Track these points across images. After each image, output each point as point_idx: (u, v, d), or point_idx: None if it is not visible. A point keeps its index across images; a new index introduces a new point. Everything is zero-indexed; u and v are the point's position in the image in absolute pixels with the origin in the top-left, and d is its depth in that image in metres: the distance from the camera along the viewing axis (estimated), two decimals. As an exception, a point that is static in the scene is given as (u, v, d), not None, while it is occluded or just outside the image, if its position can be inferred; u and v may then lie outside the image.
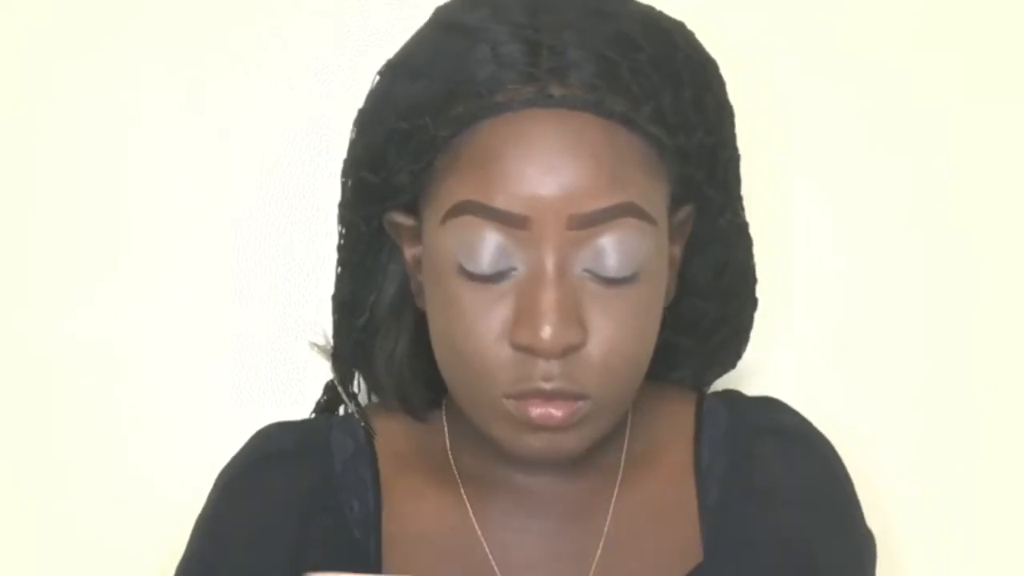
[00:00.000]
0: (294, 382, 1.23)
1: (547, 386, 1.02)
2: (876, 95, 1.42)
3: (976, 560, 1.42)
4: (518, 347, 1.02)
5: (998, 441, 1.42)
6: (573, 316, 1.01)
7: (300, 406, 1.26)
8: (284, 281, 1.40)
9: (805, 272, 1.41)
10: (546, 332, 1.00)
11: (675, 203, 1.08)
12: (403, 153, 1.05)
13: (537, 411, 1.03)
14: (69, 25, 1.39)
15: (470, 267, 1.02)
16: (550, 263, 1.01)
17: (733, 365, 1.22)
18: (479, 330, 1.03)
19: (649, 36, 1.04)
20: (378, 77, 1.09)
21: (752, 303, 1.19)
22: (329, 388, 1.21)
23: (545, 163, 1.01)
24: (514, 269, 1.02)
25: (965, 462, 1.42)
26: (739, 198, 1.14)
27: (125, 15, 1.39)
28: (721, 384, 1.24)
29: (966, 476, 1.41)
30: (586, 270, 1.02)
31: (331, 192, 1.39)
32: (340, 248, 1.15)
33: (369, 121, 1.08)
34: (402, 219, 1.09)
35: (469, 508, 1.12)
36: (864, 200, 1.42)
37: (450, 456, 1.14)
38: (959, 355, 1.42)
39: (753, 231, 1.17)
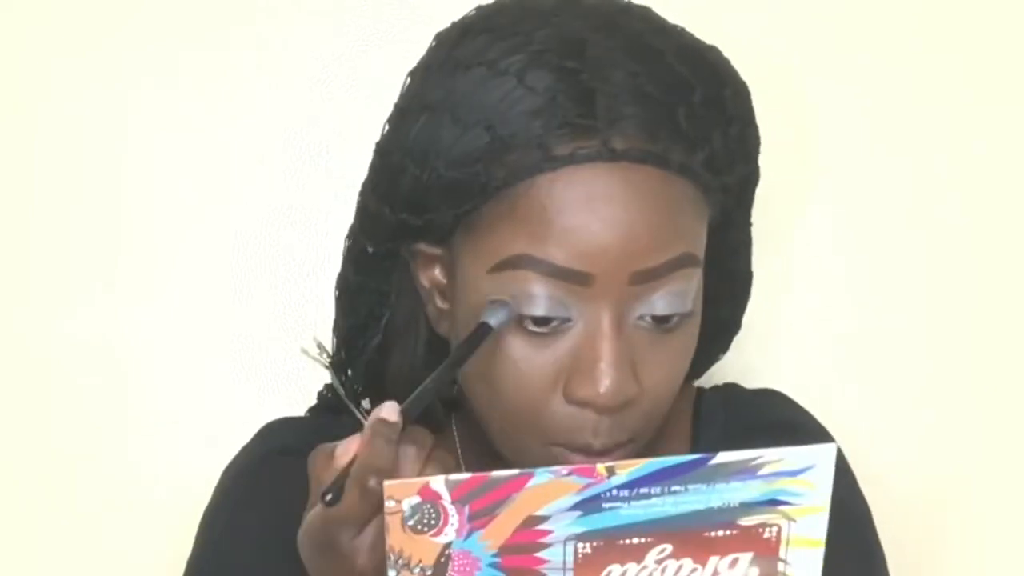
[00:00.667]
0: (294, 382, 1.23)
1: (597, 443, 1.02)
2: (876, 95, 1.42)
3: (977, 559, 1.42)
4: (574, 401, 1.01)
5: (999, 441, 1.42)
6: (630, 370, 1.01)
7: (300, 406, 1.26)
8: (284, 281, 1.40)
9: (805, 272, 1.42)
10: (606, 388, 0.99)
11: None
12: (450, 198, 1.02)
13: (583, 461, 1.02)
14: (69, 25, 1.39)
15: (525, 317, 1.00)
16: (609, 318, 0.99)
17: (725, 352, 1.22)
18: (531, 381, 1.01)
19: (698, 73, 1.02)
20: (413, 116, 1.04)
21: (748, 299, 1.19)
22: (328, 392, 1.20)
23: (608, 219, 0.99)
24: (569, 321, 1.00)
25: (966, 462, 1.42)
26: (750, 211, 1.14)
27: (125, 15, 1.39)
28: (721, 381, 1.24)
29: (967, 475, 1.41)
30: (639, 317, 1.01)
31: (331, 192, 1.40)
32: (352, 269, 1.13)
33: (411, 163, 1.04)
34: (427, 248, 1.07)
35: None
36: (864, 200, 1.42)
37: (461, 465, 1.13)
38: (960, 355, 1.42)
39: (753, 231, 1.17)
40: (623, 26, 1.03)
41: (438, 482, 0.86)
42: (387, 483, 0.87)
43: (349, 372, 1.15)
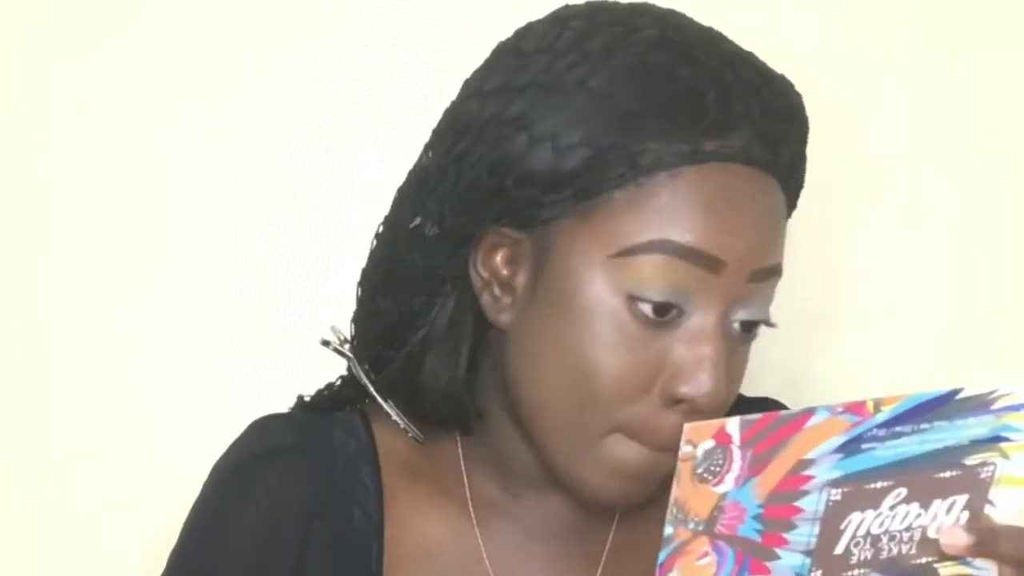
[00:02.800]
0: (294, 381, 1.23)
1: (664, 440, 1.02)
2: (875, 94, 1.42)
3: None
4: (674, 397, 1.01)
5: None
6: (728, 373, 1.03)
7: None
8: (284, 281, 1.40)
9: (806, 272, 1.42)
10: (713, 387, 1.01)
11: None
12: (584, 179, 1.02)
13: (643, 457, 1.03)
14: (70, 25, 1.39)
15: (644, 304, 1.00)
16: (720, 316, 1.01)
17: None
18: (635, 370, 1.01)
19: (798, 106, 1.07)
20: (550, 92, 1.03)
21: None
22: (345, 386, 1.18)
23: (742, 215, 1.02)
24: (683, 315, 1.01)
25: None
26: None
27: (126, 15, 1.39)
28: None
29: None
30: (732, 322, 1.03)
31: (332, 192, 1.40)
32: (418, 252, 1.09)
33: (560, 135, 1.02)
34: (509, 232, 1.04)
35: (476, 526, 1.11)
36: (865, 199, 1.42)
37: (464, 474, 1.12)
38: (961, 354, 1.42)
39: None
40: (725, 40, 1.07)
41: (733, 423, 0.87)
42: (687, 425, 0.87)
43: (383, 367, 1.12)
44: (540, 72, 1.03)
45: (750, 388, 1.24)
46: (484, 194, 1.04)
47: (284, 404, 1.21)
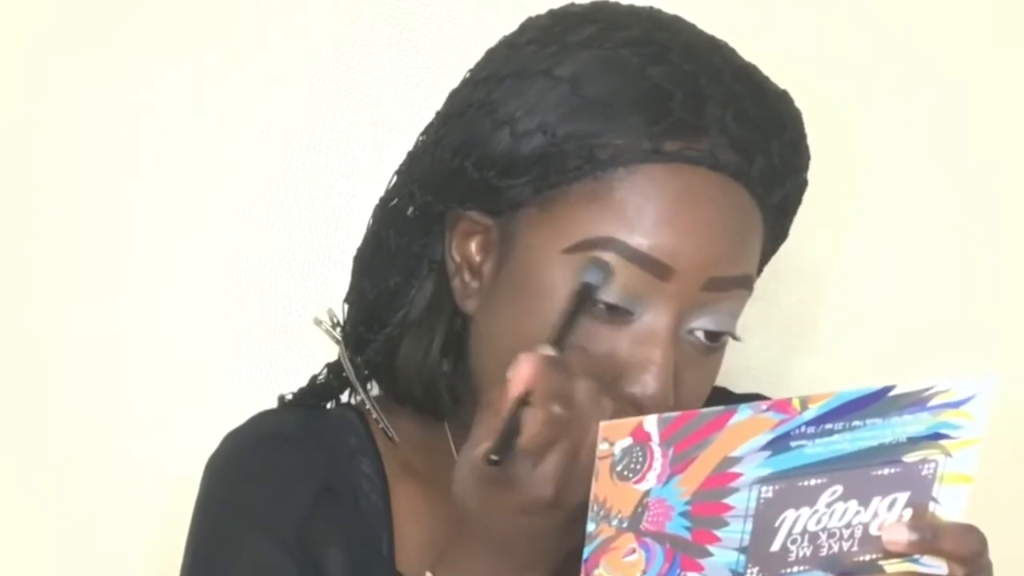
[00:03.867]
0: (294, 380, 1.23)
1: None
2: (875, 93, 1.42)
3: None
4: (618, 395, 0.99)
5: (1002, 440, 1.42)
6: (672, 380, 1.01)
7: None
8: (284, 280, 1.40)
9: (803, 271, 1.42)
10: (654, 391, 1.00)
11: None
12: (543, 168, 1.02)
13: None
14: (70, 25, 1.39)
15: (593, 300, 1.00)
16: (671, 322, 1.00)
17: None
18: None
19: (789, 116, 1.06)
20: (520, 81, 1.03)
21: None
22: (329, 374, 1.19)
23: (700, 221, 1.00)
24: (630, 316, 1.01)
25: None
26: None
27: (126, 15, 1.39)
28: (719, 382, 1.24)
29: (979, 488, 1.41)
30: (690, 332, 1.02)
31: (332, 191, 1.40)
32: (393, 232, 1.11)
33: (510, 125, 1.03)
34: (478, 217, 1.06)
35: None
36: (864, 199, 1.42)
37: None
38: (957, 353, 1.42)
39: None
40: (725, 50, 1.06)
41: (651, 421, 0.87)
42: (603, 424, 0.87)
43: (363, 349, 1.13)
44: (521, 62, 1.04)
45: (741, 389, 1.25)
46: (448, 174, 1.06)
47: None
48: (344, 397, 1.20)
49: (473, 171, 1.04)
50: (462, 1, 1.40)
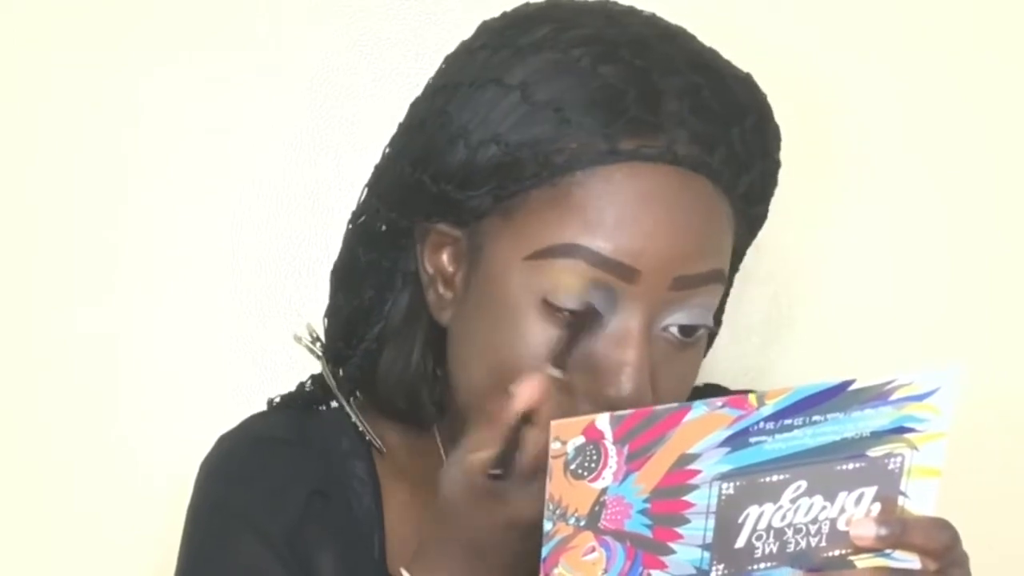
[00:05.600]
0: (293, 381, 1.23)
1: None
2: (855, 90, 1.42)
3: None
4: (594, 399, 1.00)
5: (1002, 440, 1.43)
6: (649, 378, 1.00)
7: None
8: (284, 280, 1.40)
9: (801, 272, 1.42)
10: (628, 391, 0.99)
11: None
12: (500, 177, 1.01)
13: None
14: (70, 25, 1.39)
15: (557, 307, 0.99)
16: (641, 322, 1.00)
17: (705, 354, 1.22)
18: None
19: (752, 101, 1.04)
20: (472, 91, 1.02)
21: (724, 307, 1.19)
22: (312, 384, 1.18)
23: (663, 220, 0.99)
24: (602, 318, 1.00)
25: (967, 466, 1.42)
26: None
27: (126, 15, 1.39)
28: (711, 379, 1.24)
29: (971, 481, 1.41)
30: (664, 328, 1.01)
31: (332, 190, 1.40)
32: (363, 248, 1.10)
33: (464, 136, 1.02)
34: (446, 229, 1.05)
35: None
36: (865, 199, 1.42)
37: None
38: (951, 351, 1.42)
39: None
40: (681, 39, 1.05)
41: (603, 420, 0.87)
42: (554, 423, 0.87)
43: (343, 364, 1.13)
44: (475, 69, 1.04)
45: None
46: (408, 188, 1.05)
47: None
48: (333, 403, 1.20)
49: (431, 184, 1.04)
50: (462, 1, 1.40)
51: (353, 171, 1.40)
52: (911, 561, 0.93)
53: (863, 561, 0.93)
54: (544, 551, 0.90)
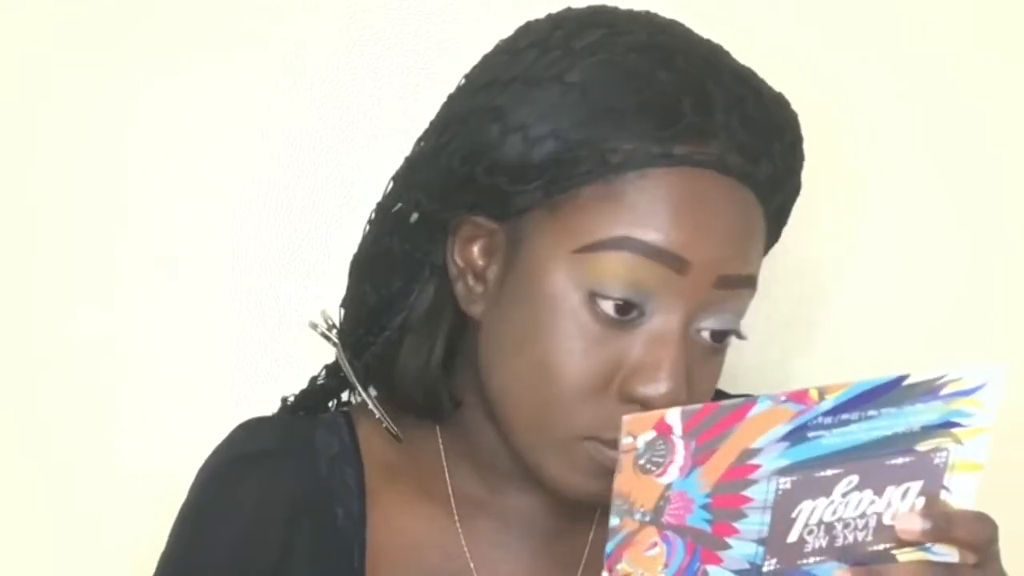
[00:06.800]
0: (293, 381, 1.23)
1: None
2: (875, 94, 1.42)
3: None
4: (630, 396, 1.01)
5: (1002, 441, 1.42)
6: (685, 377, 1.02)
7: (299, 405, 1.26)
8: (284, 280, 1.40)
9: (803, 271, 1.42)
10: (668, 389, 1.00)
11: None
12: (554, 173, 1.02)
13: (613, 455, 1.01)
14: (69, 25, 1.39)
15: (605, 301, 1.01)
16: (683, 319, 1.01)
17: None
18: (594, 368, 1.02)
19: (788, 118, 1.07)
20: (529, 87, 1.04)
21: None
22: (327, 376, 1.19)
23: (711, 220, 1.01)
24: (643, 316, 1.01)
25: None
26: None
27: (125, 15, 1.39)
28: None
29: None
30: (697, 332, 1.03)
31: (333, 190, 1.40)
32: (397, 237, 1.10)
33: (520, 130, 1.03)
34: (483, 222, 1.06)
35: (458, 524, 1.11)
36: (866, 199, 1.42)
37: (446, 471, 1.13)
38: (952, 353, 1.42)
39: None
40: (721, 53, 1.07)
41: (674, 414, 0.88)
42: (626, 417, 0.87)
43: (361, 352, 1.13)
44: (526, 67, 1.04)
45: (743, 390, 1.25)
46: (457, 181, 1.06)
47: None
48: (344, 396, 1.20)
49: (484, 177, 1.04)
50: (461, 1, 1.40)
51: (353, 171, 1.40)
52: (950, 555, 0.94)
53: (904, 555, 0.94)
54: (609, 547, 0.90)
